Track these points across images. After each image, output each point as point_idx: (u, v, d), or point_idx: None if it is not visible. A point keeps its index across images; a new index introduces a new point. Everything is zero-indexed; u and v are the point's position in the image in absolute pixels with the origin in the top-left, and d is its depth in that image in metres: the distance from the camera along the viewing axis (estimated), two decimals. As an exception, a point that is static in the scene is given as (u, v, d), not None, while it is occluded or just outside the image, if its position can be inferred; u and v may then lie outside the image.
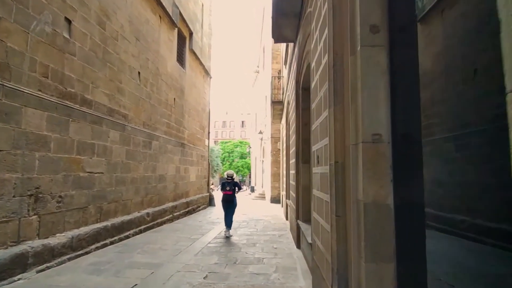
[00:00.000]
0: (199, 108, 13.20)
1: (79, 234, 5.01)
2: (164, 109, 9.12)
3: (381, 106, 1.84)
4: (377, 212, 1.78)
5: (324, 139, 2.68)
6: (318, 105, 3.01)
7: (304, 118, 5.51)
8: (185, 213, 10.41)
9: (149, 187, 7.95)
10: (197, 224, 8.75)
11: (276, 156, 18.04)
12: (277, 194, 17.31)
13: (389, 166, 1.80)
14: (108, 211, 6.03)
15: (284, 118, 10.88)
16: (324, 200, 2.66)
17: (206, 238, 6.67)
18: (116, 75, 6.43)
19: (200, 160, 13.30)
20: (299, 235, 5.52)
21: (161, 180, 8.76)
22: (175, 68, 10.12)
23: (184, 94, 11.03)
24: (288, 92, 8.16)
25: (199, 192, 13.04)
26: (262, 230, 7.76)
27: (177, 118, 10.28)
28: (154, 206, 8.20)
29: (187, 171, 11.31)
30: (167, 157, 9.23)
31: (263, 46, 23.57)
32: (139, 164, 7.42)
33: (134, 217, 6.88)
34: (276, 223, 9.18)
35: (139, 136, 7.40)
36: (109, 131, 6.12)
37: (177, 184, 10.10)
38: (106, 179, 5.99)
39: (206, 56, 14.41)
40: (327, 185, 2.49)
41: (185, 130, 11.15)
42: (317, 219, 3.03)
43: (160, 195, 8.66)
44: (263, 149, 22.81)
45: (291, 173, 7.20)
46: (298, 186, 5.71)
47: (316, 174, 3.16)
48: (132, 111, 7.12)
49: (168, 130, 9.39)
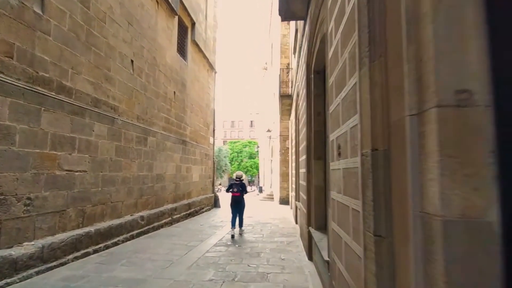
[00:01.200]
0: (203, 104, 12.47)
1: (53, 243, 4.28)
2: (163, 102, 8.40)
3: (469, 40, 0.99)
4: (468, 235, 0.94)
5: (350, 120, 1.85)
6: (339, 74, 2.17)
7: (316, 106, 4.65)
8: (186, 215, 9.67)
9: (144, 188, 7.23)
10: (197, 228, 7.99)
11: (285, 155, 17.19)
12: (286, 195, 16.45)
13: (489, 150, 0.95)
14: (92, 215, 5.31)
15: (293, 113, 10.03)
16: (350, 208, 1.83)
17: (204, 246, 5.88)
18: (103, 62, 5.72)
19: (204, 159, 12.57)
20: (311, 245, 4.67)
21: (158, 180, 8.04)
22: (176, 59, 9.40)
23: (185, 88, 10.30)
24: (298, 83, 7.31)
25: (203, 193, 12.30)
26: (269, 236, 6.93)
27: (178, 113, 9.56)
28: (150, 209, 7.48)
29: (189, 170, 10.58)
30: (165, 155, 8.50)
31: (272, 42, 22.76)
32: (132, 162, 6.70)
33: (125, 221, 6.15)
34: (285, 227, 8.34)
35: (132, 131, 6.69)
36: (94, 124, 5.41)
37: (177, 184, 9.37)
38: (90, 179, 5.27)
39: (211, 49, 13.68)
40: (357, 186, 1.66)
41: (187, 126, 10.43)
42: (338, 232, 2.19)
43: (157, 196, 7.94)
44: (272, 148, 21.97)
45: (301, 172, 6.35)
46: (309, 187, 4.86)
47: (335, 171, 2.32)
48: (123, 103, 6.41)
49: (167, 126, 8.66)
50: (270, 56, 23.83)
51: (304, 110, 5.37)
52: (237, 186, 7.08)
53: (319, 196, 4.52)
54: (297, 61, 7.58)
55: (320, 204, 4.48)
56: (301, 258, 4.95)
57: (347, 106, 1.94)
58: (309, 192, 4.85)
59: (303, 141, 5.65)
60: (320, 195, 4.50)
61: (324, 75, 4.67)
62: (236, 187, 7.05)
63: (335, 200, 2.34)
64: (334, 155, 2.35)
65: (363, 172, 1.56)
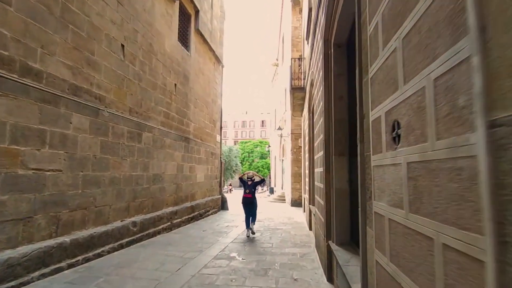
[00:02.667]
0: (209, 99, 11.63)
1: (11, 258, 3.48)
2: (161, 95, 7.58)
3: None
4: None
5: (437, 62, 0.89)
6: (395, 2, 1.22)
7: (338, 89, 3.69)
8: (188, 219, 8.83)
9: (138, 189, 6.41)
10: (199, 235, 7.12)
11: (297, 154, 16.21)
12: (298, 197, 15.46)
13: None
14: (69, 222, 4.51)
15: (306, 107, 9.05)
16: (439, 246, 0.87)
17: (202, 259, 4.99)
18: (85, 43, 4.92)
19: (210, 158, 11.73)
20: (331, 264, 3.71)
21: (156, 181, 7.22)
22: (176, 48, 8.58)
23: (188, 80, 9.48)
24: (312, 69, 6.34)
25: (209, 194, 11.46)
26: (279, 246, 5.99)
27: (180, 107, 8.73)
28: (145, 213, 6.66)
29: (193, 170, 9.74)
30: (164, 153, 7.69)
31: (282, 35, 21.81)
32: (123, 160, 5.89)
33: (112, 228, 5.34)
34: (297, 234, 7.37)
35: (122, 124, 5.88)
36: (72, 115, 4.61)
37: (179, 185, 8.54)
38: (67, 179, 4.47)
39: (217, 41, 12.83)
40: (466, 198, 0.69)
41: (190, 122, 9.60)
42: (397, 278, 1.23)
43: (154, 199, 7.12)
44: (283, 147, 20.99)
45: (316, 172, 5.38)
46: (329, 190, 3.89)
47: (386, 169, 1.37)
48: (111, 92, 5.61)
49: (166, 121, 7.85)
50: (281, 50, 22.89)
51: (321, 96, 4.41)
52: (249, 187, 7.20)
53: (342, 203, 3.55)
54: (311, 45, 6.60)
55: (344, 212, 3.51)
56: (319, 279, 3.99)
57: (424, 40, 0.98)
58: (328, 196, 3.88)
59: (320, 135, 4.68)
60: (344, 202, 3.53)
61: (347, 49, 3.70)
62: (249, 189, 7.19)
63: (385, 218, 1.39)
64: (384, 142, 1.39)
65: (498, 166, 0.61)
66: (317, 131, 5.14)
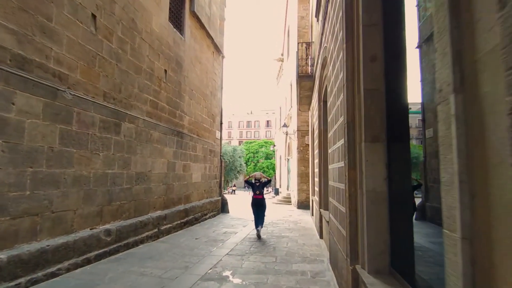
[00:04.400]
0: (207, 91, 10.56)
1: None
2: (147, 81, 6.53)
3: None
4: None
5: None
6: None
7: (368, 46, 2.55)
8: (181, 224, 7.75)
9: (115, 190, 5.36)
10: (190, 244, 6.03)
11: (304, 153, 15.07)
12: (305, 198, 14.31)
13: None
14: (11, 233, 3.45)
15: (316, 97, 7.92)
16: None
17: (184, 281, 3.89)
18: (37, 5, 3.87)
19: (209, 155, 10.65)
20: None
21: (140, 180, 6.16)
22: (167, 30, 7.53)
23: (182, 68, 8.42)
24: (325, 44, 5.20)
25: (207, 195, 10.38)
26: (284, 261, 4.87)
27: (171, 97, 7.68)
28: (125, 218, 5.60)
29: (188, 168, 8.67)
30: (151, 148, 6.62)
31: (288, 28, 20.71)
32: (94, 154, 4.84)
33: (75, 239, 4.27)
34: (306, 244, 6.24)
35: (92, 111, 4.83)
36: (15, 94, 3.56)
37: (169, 186, 7.47)
38: (5, 177, 3.42)
39: (217, 29, 11.77)
40: None
41: (184, 115, 8.53)
42: None
43: (138, 202, 6.06)
44: (288, 145, 19.84)
45: (332, 168, 4.24)
46: (354, 192, 2.75)
47: None
48: (78, 71, 4.56)
49: (154, 111, 6.79)
50: (286, 46, 21.79)
51: (340, 63, 3.27)
52: (258, 188, 7.21)
53: (378, 211, 2.41)
54: (323, 20, 5.47)
55: (381, 226, 2.38)
56: (340, 316, 2.86)
57: None
58: (353, 201, 2.75)
59: (338, 119, 3.55)
60: (380, 210, 2.40)
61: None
62: (259, 189, 7.19)
63: None
64: None
65: None
66: (334, 116, 4.00)
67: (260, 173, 7.64)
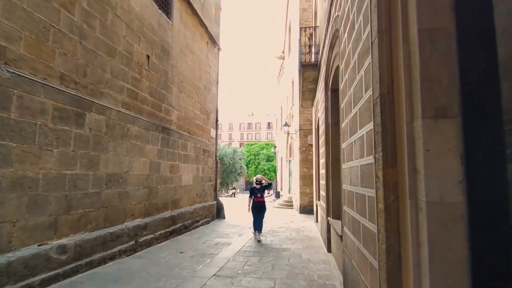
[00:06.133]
0: (200, 84, 9.56)
1: None
2: (124, 66, 5.53)
3: None
4: None
5: None
6: None
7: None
8: (166, 234, 6.72)
9: (77, 196, 4.34)
10: (171, 261, 4.99)
11: (306, 154, 14.03)
12: (308, 202, 13.25)
13: None
14: None
15: (322, 87, 6.90)
16: None
17: (151, 319, 2.86)
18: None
19: (202, 155, 9.63)
20: None
21: (113, 183, 5.14)
22: (150, 10, 6.53)
23: (170, 56, 7.43)
24: (338, 12, 4.19)
25: (200, 200, 9.35)
26: (286, 284, 3.82)
27: (155, 88, 6.67)
28: (90, 230, 4.58)
29: (176, 170, 7.65)
30: (129, 145, 5.61)
31: (289, 23, 19.75)
32: (44, 151, 3.82)
33: (9, 261, 3.25)
34: (312, 259, 5.19)
35: (43, 96, 3.82)
36: None
37: (153, 189, 6.45)
38: None
39: (212, 18, 10.80)
40: None
41: (172, 109, 7.53)
42: None
43: (110, 209, 5.04)
44: (290, 146, 18.80)
45: (349, 168, 3.19)
46: (394, 204, 1.74)
47: None
48: (22, 44, 3.56)
49: (133, 102, 5.78)
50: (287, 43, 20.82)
51: (365, 15, 2.25)
52: (259, 191, 7.13)
53: (450, 238, 1.36)
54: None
55: (457, 263, 1.34)
56: None
57: None
58: (392, 218, 1.72)
59: (359, 97, 2.52)
60: (455, 235, 1.36)
61: None
62: (260, 193, 7.11)
63: None
64: None
65: None
66: (352, 97, 2.97)
67: (261, 176, 7.47)
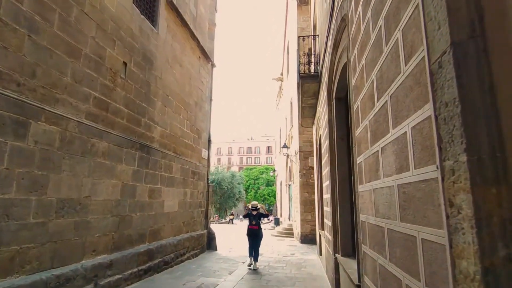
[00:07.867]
0: (190, 100, 8.75)
1: None
2: (91, 71, 4.69)
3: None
4: None
5: None
6: None
7: None
8: (140, 273, 5.54)
9: (8, 227, 3.29)
10: (135, 313, 3.84)
11: (307, 177, 12.96)
12: (310, 231, 12.02)
13: None
14: None
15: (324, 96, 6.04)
16: None
17: None
18: None
19: (191, 178, 8.60)
20: None
21: (67, 211, 4.10)
22: (130, 13, 5.83)
23: (153, 66, 6.65)
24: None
25: (188, 229, 8.20)
26: None
27: (133, 99, 5.81)
28: (28, 272, 3.48)
29: (158, 194, 6.61)
30: (93, 164, 4.63)
31: (287, 45, 19.49)
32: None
33: None
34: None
35: (-39, 96, 2.91)
36: None
37: (125, 218, 5.38)
38: None
39: (205, 32, 10.23)
40: None
41: (155, 125, 6.63)
42: None
43: (61, 244, 3.96)
44: (289, 169, 17.77)
45: (373, 191, 2.19)
46: (505, 258, 0.76)
47: None
48: None
49: (101, 113, 4.88)
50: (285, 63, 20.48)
51: None
52: (255, 218, 7.12)
53: None
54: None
55: None
56: None
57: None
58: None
59: (392, 80, 1.59)
60: None
61: None
62: (255, 220, 7.10)
63: None
64: None
65: None
66: (382, 68, 2.06)
67: (261, 205, 7.54)
